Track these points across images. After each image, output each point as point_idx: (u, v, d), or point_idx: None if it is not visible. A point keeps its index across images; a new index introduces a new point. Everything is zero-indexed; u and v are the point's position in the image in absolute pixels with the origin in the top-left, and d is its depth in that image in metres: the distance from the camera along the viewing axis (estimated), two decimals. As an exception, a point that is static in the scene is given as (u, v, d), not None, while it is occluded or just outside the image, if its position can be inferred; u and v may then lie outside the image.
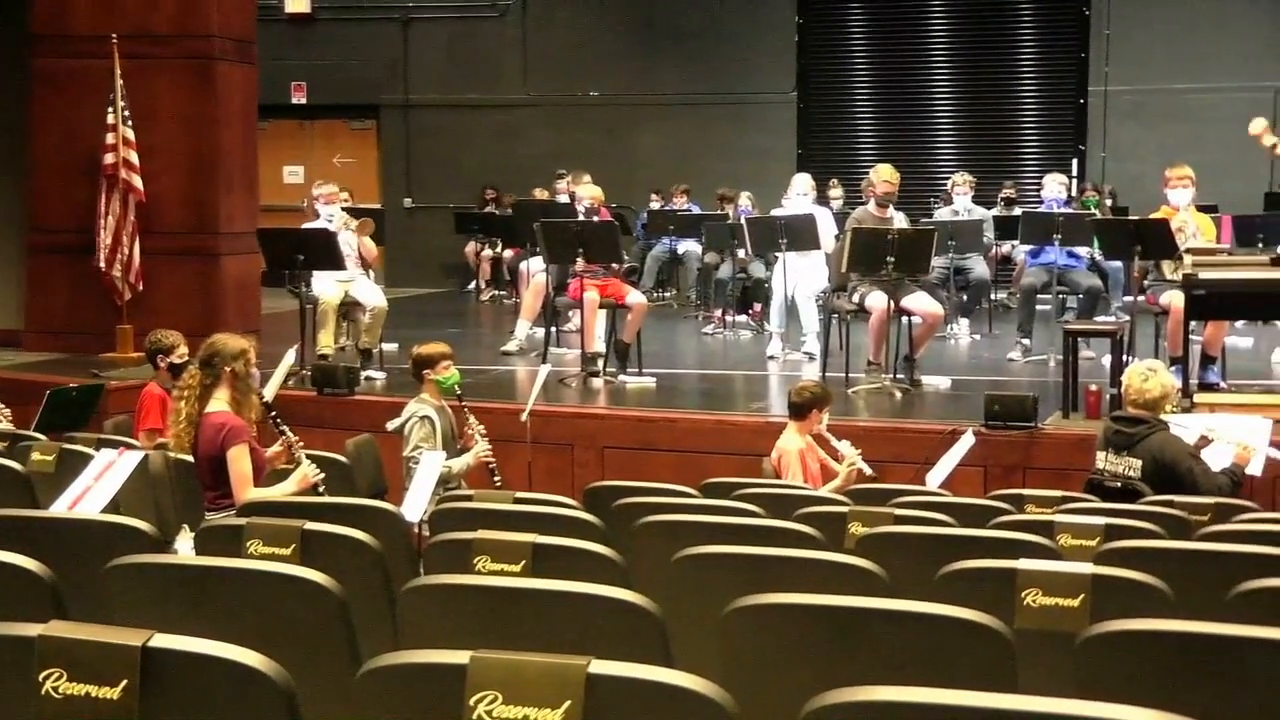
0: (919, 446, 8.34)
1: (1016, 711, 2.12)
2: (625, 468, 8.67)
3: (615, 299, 10.97)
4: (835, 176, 16.79)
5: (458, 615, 3.24)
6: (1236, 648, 2.79)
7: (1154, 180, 11.27)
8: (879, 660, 2.90)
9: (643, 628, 3.03)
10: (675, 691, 2.28)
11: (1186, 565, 4.06)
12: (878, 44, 19.62)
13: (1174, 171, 10.48)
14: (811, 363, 11.63)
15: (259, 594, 3.34)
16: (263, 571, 3.48)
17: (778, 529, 4.50)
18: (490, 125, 20.23)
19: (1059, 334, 10.08)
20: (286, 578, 3.32)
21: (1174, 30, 18.01)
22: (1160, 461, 6.39)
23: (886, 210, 10.65)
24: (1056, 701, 2.13)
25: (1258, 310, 10.30)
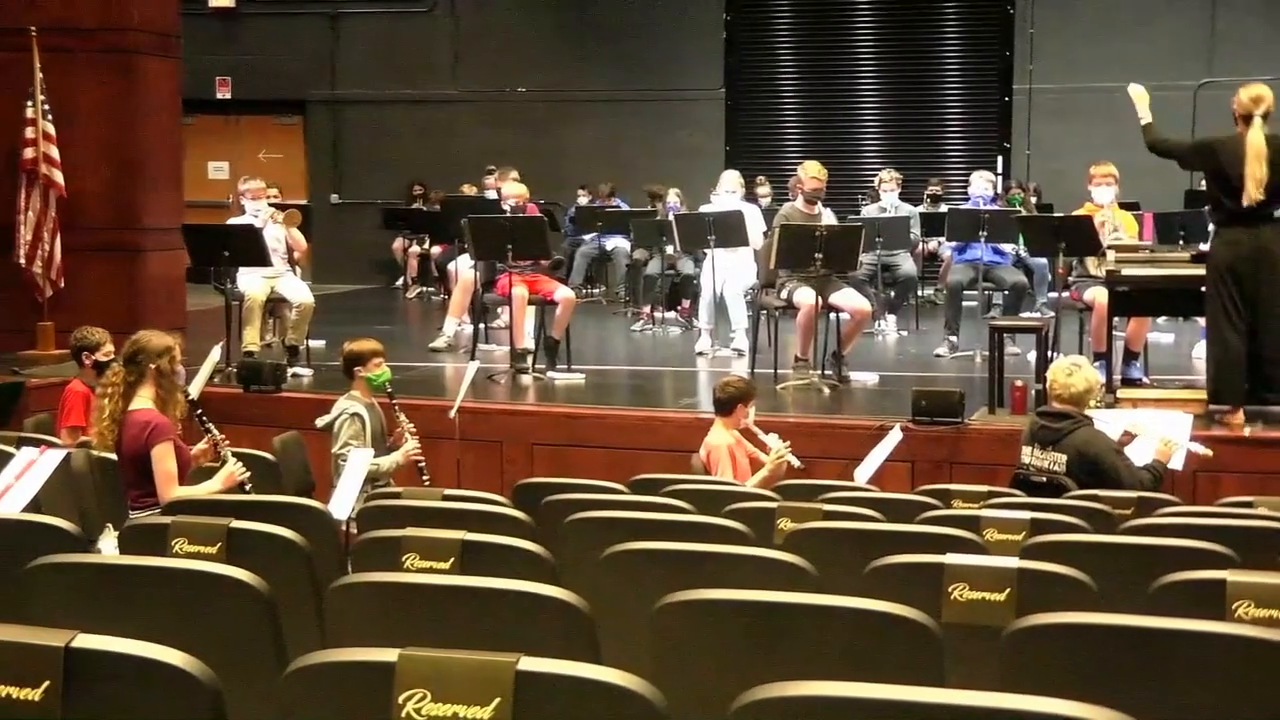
0: (847, 442, 8.38)
1: (944, 705, 2.13)
2: (554, 464, 8.67)
3: (544, 295, 10.95)
4: (763, 173, 16.85)
5: (386, 613, 3.22)
6: (1158, 640, 2.82)
7: (1078, 177, 11.39)
8: (808, 655, 2.91)
9: (572, 624, 3.02)
10: (604, 688, 2.28)
11: (1110, 559, 4.10)
12: (805, 42, 19.70)
13: (1098, 169, 10.60)
14: (740, 359, 11.66)
15: (184, 593, 3.31)
16: (188, 570, 3.45)
17: (707, 525, 4.51)
18: (419, 121, 20.14)
19: (985, 330, 10.16)
20: (212, 576, 3.29)
21: (1097, 29, 18.21)
22: (1085, 456, 6.45)
23: (814, 207, 10.69)
24: (983, 695, 2.15)
25: (1179, 306, 10.44)
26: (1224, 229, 8.42)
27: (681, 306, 14.53)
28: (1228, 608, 3.33)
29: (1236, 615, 3.31)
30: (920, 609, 2.94)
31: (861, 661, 2.86)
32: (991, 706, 2.12)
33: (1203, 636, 2.82)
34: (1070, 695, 2.12)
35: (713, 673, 2.95)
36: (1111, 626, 2.85)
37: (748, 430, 7.44)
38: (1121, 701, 2.16)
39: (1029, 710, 2.10)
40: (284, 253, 11.26)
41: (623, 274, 16.31)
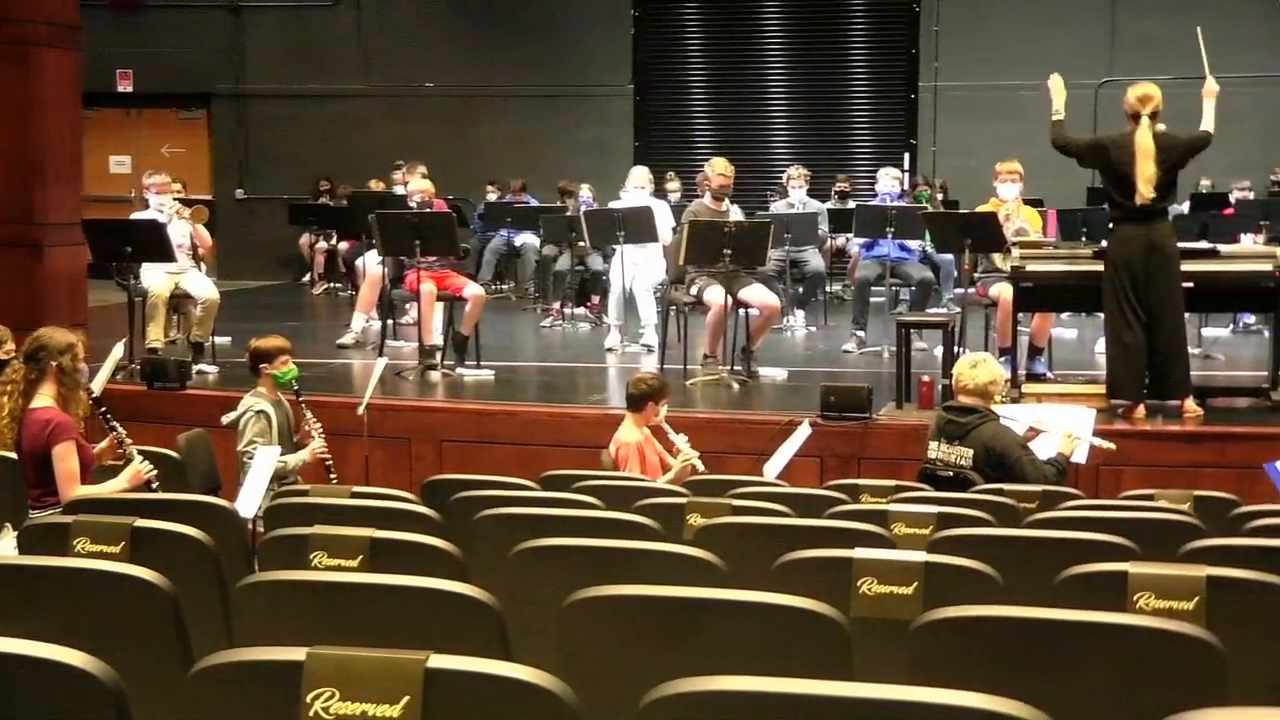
0: (756, 438, 8.41)
1: (852, 699, 2.15)
2: (464, 461, 8.62)
3: (453, 291, 10.90)
4: (672, 169, 16.87)
5: (294, 612, 3.19)
6: (1062, 631, 2.85)
7: (983, 174, 11.52)
8: (718, 650, 2.92)
9: (482, 621, 3.01)
10: (514, 685, 2.27)
11: (1016, 552, 4.14)
12: (713, 38, 19.76)
13: (1003, 166, 10.73)
14: (650, 355, 11.67)
15: (87, 593, 3.26)
16: (91, 570, 3.39)
17: (617, 521, 4.51)
18: (326, 115, 19.99)
19: (892, 326, 10.24)
20: (115, 576, 3.24)
21: (1001, 27, 18.43)
22: (991, 450, 6.53)
23: (722, 203, 10.73)
24: (891, 688, 2.16)
25: (1082, 302, 10.57)
26: (1119, 226, 8.56)
27: (591, 302, 14.52)
28: (1129, 599, 3.37)
29: (1138, 607, 3.36)
30: (829, 603, 2.96)
31: (771, 656, 2.87)
32: (899, 699, 2.14)
33: (1105, 628, 2.86)
34: (977, 687, 2.14)
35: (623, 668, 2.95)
36: (1017, 619, 2.88)
37: (658, 428, 7.44)
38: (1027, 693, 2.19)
39: (936, 703, 2.12)
40: (189, 248, 11.13)
41: (532, 270, 16.27)
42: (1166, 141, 8.32)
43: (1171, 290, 8.38)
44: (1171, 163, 8.32)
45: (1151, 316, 8.38)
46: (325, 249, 17.81)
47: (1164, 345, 8.43)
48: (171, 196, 11.43)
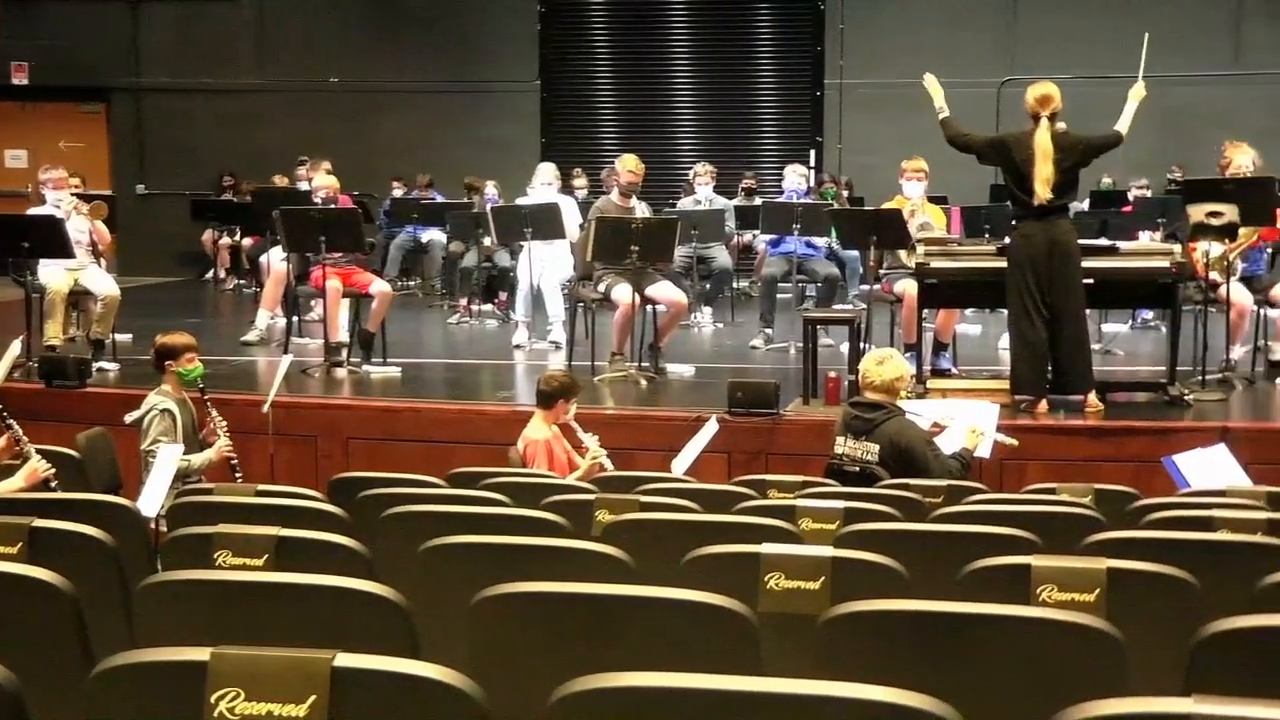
0: (664, 434, 8.43)
1: (760, 694, 2.15)
2: (370, 458, 8.57)
3: (359, 288, 10.83)
4: (579, 166, 16.87)
5: (198, 612, 3.15)
6: (968, 625, 2.88)
7: (889, 171, 11.61)
8: (627, 646, 2.91)
9: (389, 620, 2.99)
10: (422, 683, 2.26)
11: (921, 546, 4.18)
12: (620, 35, 19.77)
13: (908, 164, 10.84)
14: (557, 351, 11.65)
15: (-17, 596, 3.20)
16: (-12, 572, 3.33)
17: (525, 518, 4.49)
18: (228, 110, 19.78)
19: (799, 322, 10.29)
20: (13, 577, 3.18)
21: (905, 25, 18.59)
22: (897, 446, 6.58)
23: (629, 200, 10.73)
24: (798, 683, 2.17)
25: (985, 298, 10.69)
26: (1020, 223, 8.68)
27: (498, 299, 14.48)
28: (1032, 592, 3.41)
29: (1041, 599, 3.40)
30: (737, 598, 2.96)
31: (679, 651, 2.87)
32: (807, 694, 2.15)
33: (1009, 620, 2.89)
34: (883, 681, 2.16)
35: (532, 665, 2.94)
36: (922, 612, 2.91)
37: (566, 426, 7.43)
38: (933, 686, 2.21)
39: (844, 697, 2.13)
40: (88, 244, 10.95)
41: (439, 266, 16.19)
42: (1067, 141, 8.43)
43: (1072, 286, 8.50)
44: (1072, 162, 8.43)
45: (1053, 312, 8.50)
46: (229, 245, 17.62)
47: (1066, 341, 8.55)
48: (69, 191, 11.24)
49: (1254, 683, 2.64)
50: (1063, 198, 8.51)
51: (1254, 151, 10.33)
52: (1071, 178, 8.50)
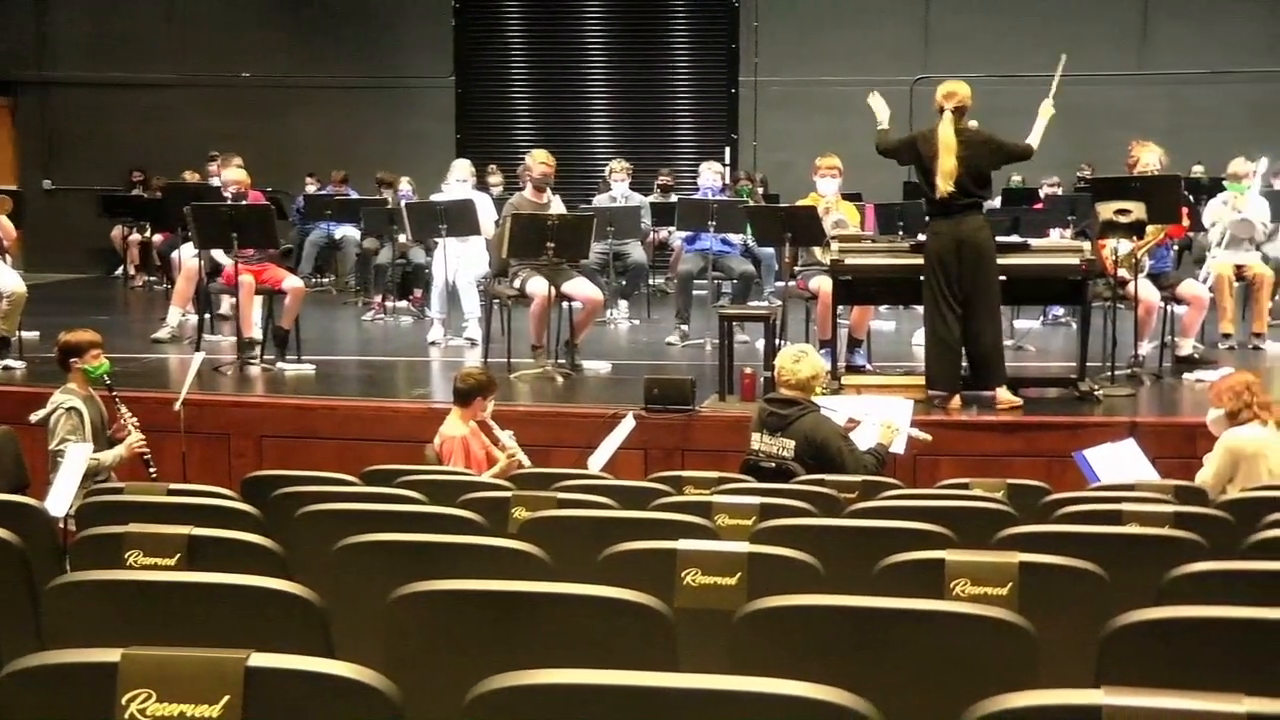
0: (580, 430, 8.42)
1: (677, 690, 2.16)
2: (284, 457, 8.50)
3: (272, 285, 10.73)
4: (495, 162, 16.83)
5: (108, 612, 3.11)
6: (883, 619, 2.90)
7: (803, 169, 11.68)
8: (544, 644, 2.91)
9: (303, 619, 2.97)
10: (337, 682, 2.25)
11: (837, 541, 4.20)
12: (535, 31, 19.74)
13: (822, 161, 10.89)
14: (473, 348, 11.63)
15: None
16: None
17: (441, 515, 4.47)
18: (138, 105, 19.52)
19: (715, 318, 10.32)
20: (-82, 580, 3.13)
21: (819, 24, 18.70)
22: (812, 442, 6.61)
23: (543, 195, 10.71)
24: (715, 678, 2.18)
25: (899, 295, 10.77)
26: (932, 220, 8.78)
27: (413, 295, 14.42)
28: (946, 586, 3.44)
29: (954, 593, 3.43)
30: (653, 595, 2.97)
31: (596, 648, 2.87)
32: (722, 689, 2.16)
33: (923, 614, 2.91)
34: (799, 676, 2.17)
35: (449, 664, 2.93)
36: (838, 607, 2.92)
37: (483, 423, 7.41)
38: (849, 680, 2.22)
39: (760, 692, 2.14)
40: (-7, 240, 10.79)
41: (353, 263, 16.09)
42: (975, 138, 8.51)
43: (983, 283, 8.57)
44: (977, 160, 8.49)
45: (967, 309, 8.58)
46: (139, 241, 17.41)
47: (979, 337, 8.63)
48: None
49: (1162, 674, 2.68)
50: (971, 194, 8.56)
51: (1160, 150, 10.49)
52: (980, 175, 8.56)
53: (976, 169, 8.50)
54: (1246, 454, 6.50)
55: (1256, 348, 11.32)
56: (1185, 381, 9.85)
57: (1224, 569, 3.59)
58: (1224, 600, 3.09)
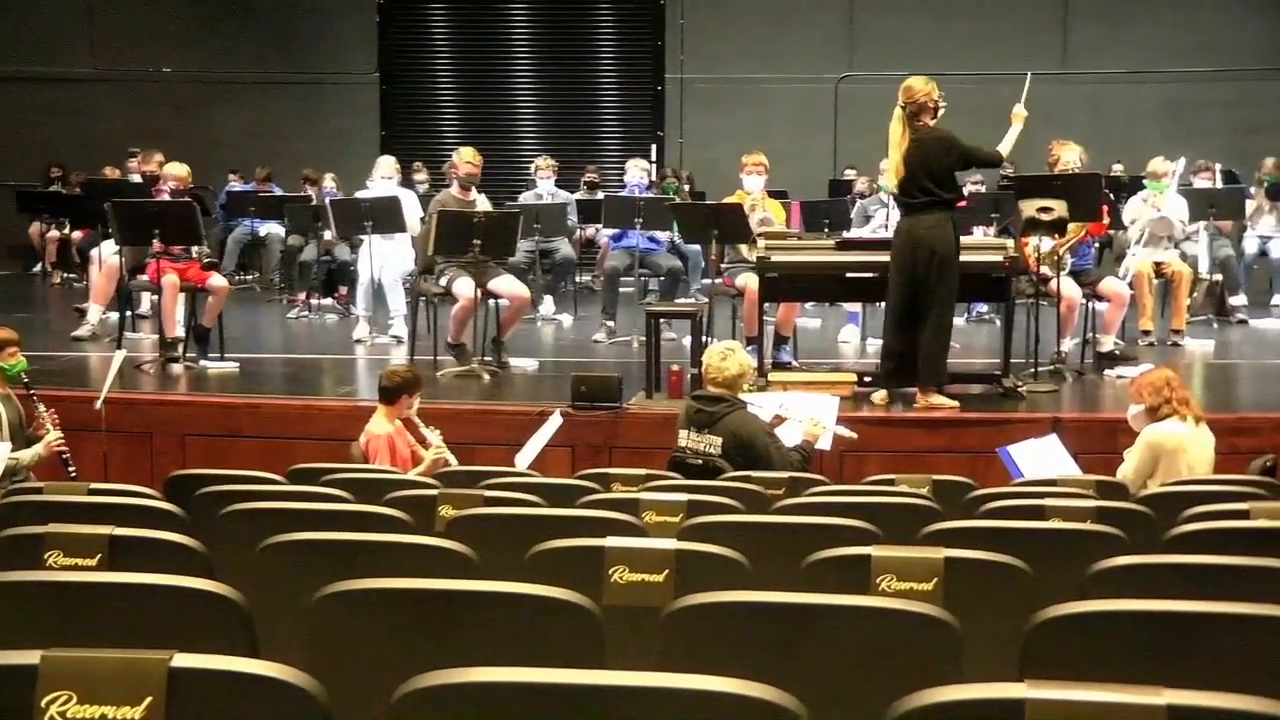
0: (507, 428, 8.40)
1: (604, 687, 2.16)
2: (208, 456, 8.42)
3: (195, 282, 10.63)
4: (420, 159, 16.76)
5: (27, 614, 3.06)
6: (809, 615, 2.91)
7: (729, 166, 11.71)
8: (471, 642, 2.90)
9: (228, 619, 2.94)
10: (262, 682, 2.23)
11: (764, 538, 4.21)
12: (460, 28, 19.69)
13: (749, 158, 10.93)
14: (399, 346, 11.58)
15: None
16: None
17: (367, 514, 4.45)
18: (57, 99, 19.26)
19: (641, 316, 10.33)
20: None
21: (745, 21, 18.76)
22: (739, 438, 6.63)
23: (469, 193, 10.68)
24: (642, 675, 2.18)
25: (825, 292, 10.82)
26: (900, 219, 8.84)
27: (338, 293, 14.34)
28: (872, 581, 3.46)
29: (880, 589, 3.45)
30: (581, 592, 2.97)
31: (524, 646, 2.87)
32: (650, 686, 2.16)
33: (849, 610, 2.93)
34: (727, 672, 2.17)
35: (375, 663, 2.91)
36: (765, 603, 2.93)
37: (409, 421, 7.38)
38: (776, 676, 2.23)
39: (686, 688, 2.14)
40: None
41: (277, 260, 15.97)
42: (927, 136, 8.51)
43: (933, 282, 8.54)
44: (926, 159, 8.48)
45: (916, 307, 8.60)
46: (58, 238, 17.18)
47: (922, 335, 8.63)
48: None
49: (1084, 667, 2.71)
50: (929, 193, 8.53)
51: (1080, 149, 10.62)
52: (935, 174, 8.53)
53: (927, 168, 8.49)
54: (1167, 449, 6.59)
55: (1175, 344, 11.47)
56: (1106, 378, 9.96)
57: (1144, 563, 3.63)
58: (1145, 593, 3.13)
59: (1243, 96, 17.92)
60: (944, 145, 8.53)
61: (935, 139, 8.52)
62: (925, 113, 8.57)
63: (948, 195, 8.57)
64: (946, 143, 8.55)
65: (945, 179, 8.56)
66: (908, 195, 8.57)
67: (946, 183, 8.58)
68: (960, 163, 8.68)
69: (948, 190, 8.57)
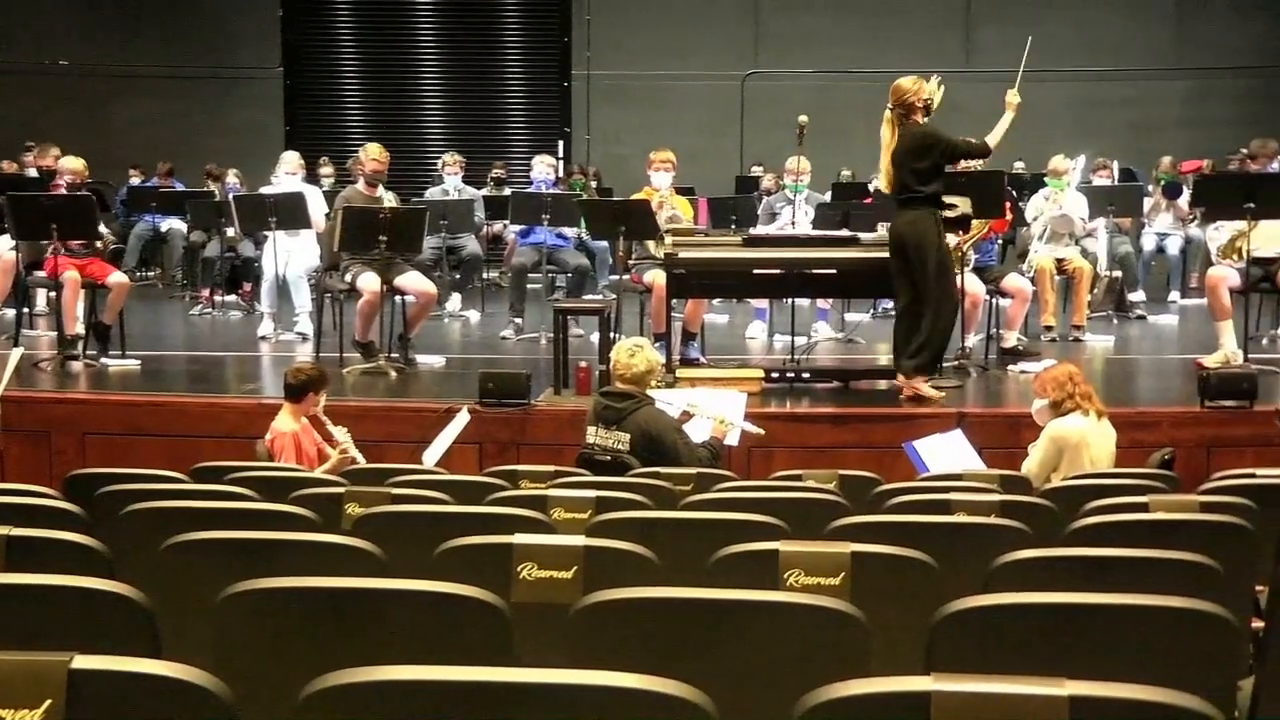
0: (415, 425, 8.36)
1: (513, 684, 2.15)
2: (109, 455, 8.29)
3: (95, 278, 10.47)
4: (325, 154, 16.63)
5: (-78, 619, 3.01)
6: (718, 610, 2.92)
7: (637, 162, 11.73)
8: (379, 641, 2.88)
9: (130, 619, 2.90)
10: (164, 682, 2.20)
11: (672, 534, 4.22)
12: (365, 22, 19.59)
13: (656, 155, 10.95)
14: (305, 343, 11.49)
15: None
16: None
17: (272, 512, 4.40)
18: (-52, 92, 18.93)
19: (549, 312, 10.32)
20: None
21: (651, 18, 18.81)
22: (647, 434, 6.64)
23: (376, 189, 10.62)
24: (551, 672, 2.17)
25: (733, 288, 10.86)
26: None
27: (243, 289, 14.20)
28: (780, 576, 3.48)
29: (788, 584, 3.46)
30: (490, 590, 2.95)
31: (432, 644, 2.85)
32: (558, 683, 2.16)
33: (757, 605, 2.94)
34: (637, 668, 2.17)
35: (282, 662, 2.88)
36: (673, 599, 2.93)
37: (315, 419, 7.32)
38: (685, 672, 2.23)
39: (595, 685, 2.14)
40: None
41: (179, 256, 15.79)
42: (908, 132, 8.58)
43: (919, 275, 8.62)
44: (907, 156, 8.57)
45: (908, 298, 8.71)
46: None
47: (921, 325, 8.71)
48: None
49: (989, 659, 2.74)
50: (907, 190, 8.60)
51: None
52: (916, 171, 8.57)
53: (909, 166, 8.55)
54: (1070, 443, 6.67)
55: (1077, 339, 11.63)
56: (1010, 373, 10.08)
57: (1047, 556, 3.68)
58: (1048, 586, 3.17)
59: (1141, 96, 18.23)
60: (927, 142, 8.61)
61: (918, 135, 8.61)
62: (915, 112, 8.67)
63: (929, 191, 8.65)
64: (930, 139, 8.63)
65: (927, 175, 8.65)
66: (896, 193, 8.68)
67: (927, 179, 8.66)
68: (945, 157, 8.75)
69: (929, 186, 8.64)
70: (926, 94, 8.68)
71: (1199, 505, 4.69)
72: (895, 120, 8.67)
